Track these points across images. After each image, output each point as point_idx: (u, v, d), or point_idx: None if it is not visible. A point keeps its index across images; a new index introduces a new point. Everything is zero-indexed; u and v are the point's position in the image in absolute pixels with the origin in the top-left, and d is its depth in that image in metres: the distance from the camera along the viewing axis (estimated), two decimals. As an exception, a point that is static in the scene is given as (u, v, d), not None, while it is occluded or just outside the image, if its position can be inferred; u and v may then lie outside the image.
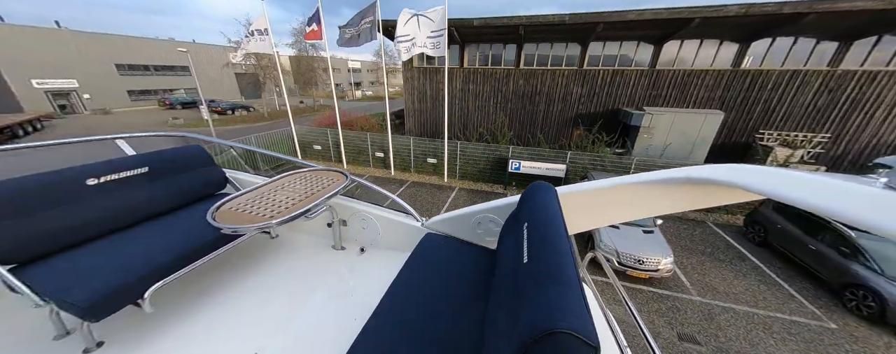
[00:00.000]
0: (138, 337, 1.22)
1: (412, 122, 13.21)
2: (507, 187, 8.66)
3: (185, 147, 1.81)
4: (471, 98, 11.77)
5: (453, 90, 11.72)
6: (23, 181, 1.24)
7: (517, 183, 8.63)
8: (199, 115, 19.01)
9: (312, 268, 1.65)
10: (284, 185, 1.54)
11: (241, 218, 1.23)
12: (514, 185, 8.63)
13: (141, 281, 1.14)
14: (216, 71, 24.60)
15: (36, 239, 1.20)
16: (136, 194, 1.50)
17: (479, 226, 1.51)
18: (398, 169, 9.80)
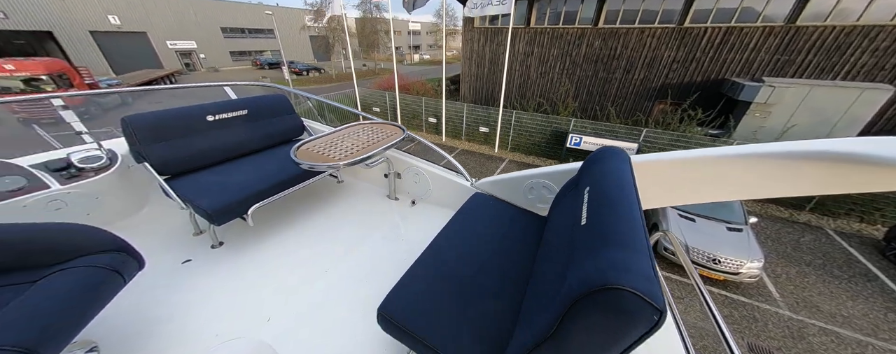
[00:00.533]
0: (244, 244, 1.56)
1: (467, 88, 12.77)
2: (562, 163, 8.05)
3: (273, 95, 2.08)
4: (533, 63, 10.66)
5: (515, 53, 10.73)
6: (164, 113, 1.59)
7: (575, 160, 7.94)
8: (281, 75, 21.45)
9: (369, 213, 1.87)
10: (350, 134, 1.69)
11: (315, 156, 1.41)
12: (571, 162, 7.97)
13: (246, 200, 1.42)
14: (295, 33, 26.82)
15: (178, 159, 1.56)
16: (239, 132, 1.82)
17: (531, 191, 1.46)
18: (449, 135, 9.84)
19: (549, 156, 8.41)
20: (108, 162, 1.69)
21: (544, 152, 8.49)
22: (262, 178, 1.56)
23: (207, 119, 1.70)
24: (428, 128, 10.34)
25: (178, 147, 1.57)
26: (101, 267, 0.91)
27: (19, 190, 1.41)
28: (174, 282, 1.34)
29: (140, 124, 1.48)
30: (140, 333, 1.12)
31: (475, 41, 11.61)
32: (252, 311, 1.21)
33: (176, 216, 1.75)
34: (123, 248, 1.00)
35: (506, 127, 8.68)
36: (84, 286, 0.86)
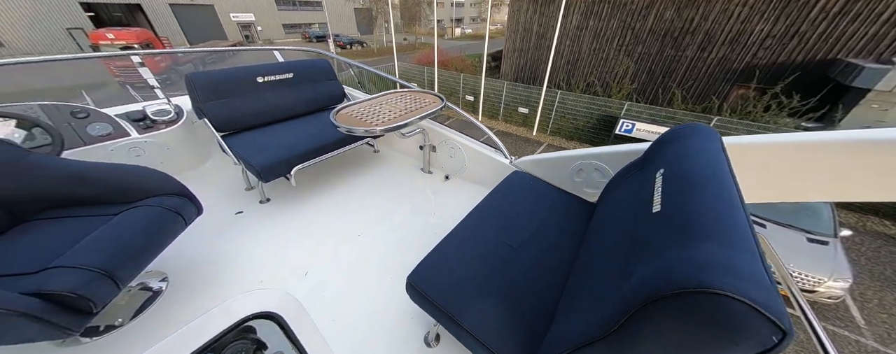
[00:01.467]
0: (287, 202, 1.68)
1: (509, 65, 12.02)
2: (607, 151, 7.36)
3: (317, 60, 2.13)
4: (587, 37, 9.56)
5: (566, 27, 9.67)
6: (219, 72, 1.69)
7: (622, 148, 7.21)
8: (327, 48, 22.13)
9: (402, 184, 1.88)
10: (389, 101, 1.68)
11: (353, 121, 1.43)
12: (617, 150, 7.27)
13: (290, 160, 1.51)
14: (341, 5, 27.10)
15: (232, 117, 1.68)
16: (286, 95, 1.90)
17: (579, 174, 1.33)
18: (486, 115, 9.50)
19: (593, 143, 7.77)
20: (175, 116, 1.88)
21: (587, 138, 7.84)
22: (305, 141, 1.64)
23: (257, 80, 1.79)
24: (464, 105, 10.08)
25: (232, 106, 1.69)
26: (167, 208, 1.02)
27: (107, 136, 1.63)
28: (228, 231, 1.49)
29: (200, 81, 1.61)
30: (199, 271, 1.27)
31: (523, 13, 10.67)
32: (292, 265, 1.31)
33: (231, 170, 1.92)
34: (185, 194, 1.11)
35: (548, 108, 8.11)
36: (152, 223, 0.97)
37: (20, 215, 1.00)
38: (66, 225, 0.96)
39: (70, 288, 0.71)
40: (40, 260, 0.81)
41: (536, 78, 10.49)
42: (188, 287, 1.19)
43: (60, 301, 0.71)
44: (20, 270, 0.79)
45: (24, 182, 0.98)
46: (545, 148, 7.73)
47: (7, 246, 0.90)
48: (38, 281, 0.74)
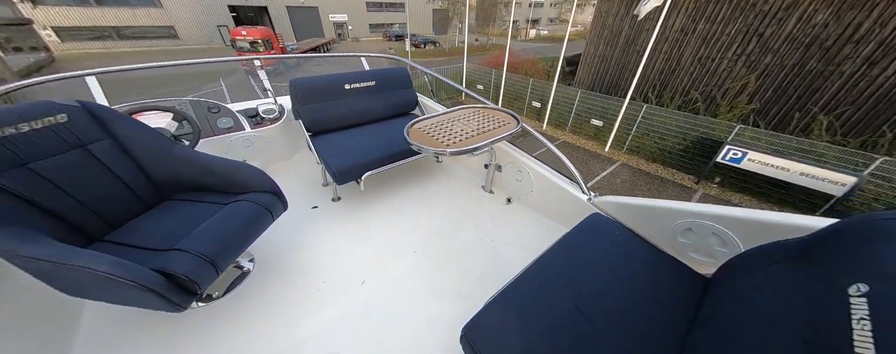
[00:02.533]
0: (354, 204, 1.77)
1: (586, 71, 10.98)
2: (703, 182, 6.11)
3: (397, 68, 2.20)
4: (693, 44, 8.06)
5: (666, 30, 8.32)
6: (318, 79, 1.85)
7: (726, 181, 5.90)
8: (403, 47, 23.63)
9: (462, 201, 1.84)
10: (461, 117, 1.62)
11: (424, 138, 1.42)
12: (717, 183, 5.97)
13: (362, 166, 1.57)
14: (422, 7, 28.62)
15: (321, 119, 1.82)
16: (366, 101, 2.00)
17: (687, 234, 1.05)
18: (552, 124, 8.85)
19: (682, 169, 6.54)
20: (278, 114, 2.13)
21: (675, 162, 6.63)
22: (377, 148, 1.70)
23: (345, 87, 1.91)
24: (529, 112, 9.56)
25: (322, 109, 1.82)
26: (261, 204, 1.13)
27: (230, 129, 1.94)
28: (304, 222, 1.62)
29: (302, 87, 1.77)
30: (279, 256, 1.39)
31: (611, 14, 9.58)
32: (351, 268, 1.35)
33: (313, 165, 2.11)
34: (276, 192, 1.22)
35: (627, 122, 7.12)
36: (249, 218, 1.08)
37: (166, 194, 1.22)
38: (190, 209, 1.14)
39: (184, 272, 0.83)
40: (170, 239, 0.97)
41: (618, 87, 9.36)
42: (270, 269, 1.32)
43: (176, 281, 0.83)
44: (156, 246, 0.95)
45: (171, 167, 1.18)
46: (618, 167, 6.81)
47: (154, 220, 1.10)
48: (164, 260, 0.86)
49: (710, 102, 7.56)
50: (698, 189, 5.91)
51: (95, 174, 1.05)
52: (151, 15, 19.78)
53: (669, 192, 5.77)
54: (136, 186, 1.14)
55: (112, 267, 0.71)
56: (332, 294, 1.23)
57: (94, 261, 0.72)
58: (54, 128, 0.99)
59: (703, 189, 5.89)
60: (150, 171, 1.17)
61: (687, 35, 8.13)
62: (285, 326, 1.10)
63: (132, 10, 19.20)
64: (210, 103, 1.94)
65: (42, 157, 0.95)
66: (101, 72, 1.65)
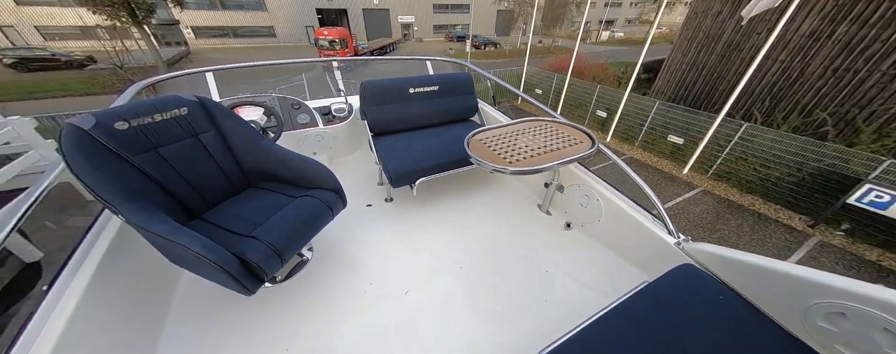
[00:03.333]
0: (406, 207, 1.78)
1: (669, 80, 9.61)
2: (823, 226, 4.79)
3: (460, 74, 2.17)
4: (826, 51, 6.39)
5: (786, 34, 6.75)
6: (386, 82, 1.90)
7: (857, 229, 4.54)
8: (463, 48, 23.83)
9: (515, 219, 1.71)
10: (526, 130, 1.51)
11: (485, 152, 1.33)
12: (844, 230, 4.63)
13: (418, 172, 1.57)
14: (487, 8, 28.52)
15: (384, 121, 1.87)
16: (428, 105, 2.01)
17: (837, 321, 0.73)
18: (618, 136, 7.97)
19: (792, 206, 5.26)
20: (347, 114, 2.26)
21: (782, 196, 5.36)
22: (433, 154, 1.68)
23: (410, 91, 1.94)
24: (592, 121, 8.76)
25: (386, 111, 1.87)
26: (324, 201, 1.20)
27: (306, 124, 2.12)
28: (358, 219, 1.68)
29: (371, 89, 1.83)
30: (334, 248, 1.46)
31: (711, 14, 8.17)
32: (396, 275, 1.35)
33: (371, 164, 2.18)
34: (339, 191, 1.28)
35: (718, 142, 6.00)
36: (313, 212, 1.15)
37: (251, 181, 1.37)
38: (267, 198, 1.26)
39: (256, 260, 0.91)
40: (249, 225, 1.08)
41: (709, 101, 7.98)
42: (326, 260, 1.40)
43: (249, 267, 0.91)
44: (239, 230, 1.07)
45: (257, 159, 1.32)
46: (699, 194, 5.79)
47: (239, 204, 1.24)
48: (243, 246, 0.96)
49: (845, 127, 5.94)
50: (813, 234, 4.67)
51: (201, 160, 1.21)
52: (258, 17, 23.57)
53: (769, 234, 4.68)
54: (230, 173, 1.28)
55: (203, 249, 0.82)
56: (377, 297, 1.24)
57: (191, 241, 0.83)
58: (177, 119, 1.15)
59: (820, 235, 4.64)
60: (242, 160, 1.31)
61: (819, 41, 6.48)
62: (329, 322, 1.14)
63: (245, 12, 23.22)
64: (293, 100, 2.11)
65: (166, 143, 1.12)
66: (216, 69, 1.97)
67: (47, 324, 0.73)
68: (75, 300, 0.80)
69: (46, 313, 0.76)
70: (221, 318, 1.13)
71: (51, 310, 0.77)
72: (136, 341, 0.98)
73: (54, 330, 0.72)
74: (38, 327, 0.72)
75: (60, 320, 0.75)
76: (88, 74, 12.59)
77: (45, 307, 0.77)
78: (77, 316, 0.79)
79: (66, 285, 0.84)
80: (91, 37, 15.29)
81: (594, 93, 8.62)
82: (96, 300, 0.87)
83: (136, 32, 13.62)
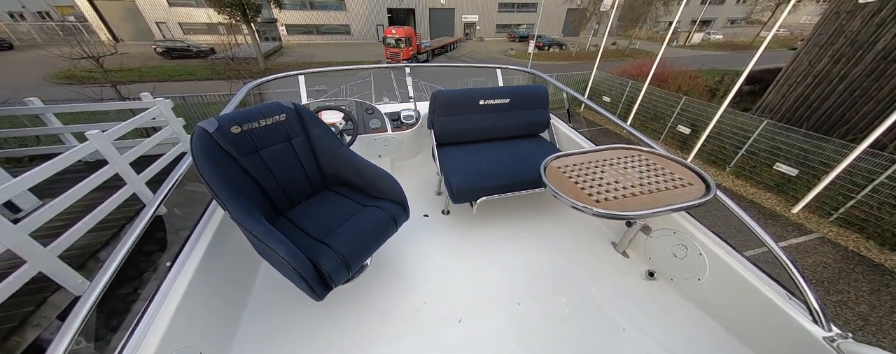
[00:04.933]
0: (463, 224, 1.71)
1: (784, 95, 7.87)
2: None
3: (535, 87, 2.02)
4: None
5: None
6: (458, 92, 1.85)
7: None
8: (526, 48, 22.94)
9: (585, 257, 1.49)
10: (616, 161, 1.31)
11: (564, 183, 1.18)
12: None
13: (480, 190, 1.50)
14: (556, 7, 27.02)
15: (450, 132, 1.84)
16: (497, 117, 1.91)
17: None
18: (702, 158, 6.81)
19: (965, 278, 3.85)
20: (415, 121, 2.27)
21: (950, 263, 3.96)
22: (499, 172, 1.58)
23: (480, 102, 1.87)
24: (669, 137, 7.65)
25: (453, 122, 1.84)
26: (389, 214, 1.21)
27: (376, 129, 2.18)
28: (414, 230, 1.66)
29: (442, 99, 1.80)
30: (389, 258, 1.47)
31: (861, 14, 6.36)
32: (447, 299, 1.29)
33: (430, 171, 2.17)
34: (404, 204, 1.28)
35: (852, 180, 4.69)
36: (379, 225, 1.17)
37: (328, 185, 1.46)
38: (339, 202, 1.32)
39: (328, 270, 0.96)
40: (324, 229, 1.15)
41: (844, 124, 6.32)
42: (382, 269, 1.42)
43: (320, 273, 0.97)
44: (315, 234, 1.13)
45: (335, 164, 1.40)
46: (815, 241, 4.62)
47: (317, 206, 1.32)
48: (318, 252, 1.02)
49: None
50: None
51: (291, 163, 1.29)
52: (338, 16, 26.09)
53: (923, 309, 3.50)
54: (312, 176, 1.37)
55: (287, 255, 0.89)
56: (429, 321, 1.20)
57: (278, 246, 0.90)
58: (277, 124, 1.25)
59: None
60: (323, 165, 1.39)
61: None
62: (383, 334, 1.15)
63: (328, 12, 25.91)
64: (368, 105, 2.19)
65: (266, 146, 1.22)
66: (307, 73, 2.22)
67: (172, 290, 0.91)
68: (190, 274, 0.96)
69: (170, 283, 0.93)
70: (289, 309, 1.23)
71: (173, 282, 0.93)
72: (226, 314, 1.12)
73: (176, 297, 0.89)
74: (165, 292, 0.90)
75: (179, 290, 0.92)
76: (209, 63, 15.50)
77: (170, 278, 0.94)
78: (190, 289, 0.94)
79: (183, 263, 0.99)
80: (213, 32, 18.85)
81: (677, 105, 7.48)
82: (203, 276, 1.02)
83: (245, 29, 16.15)
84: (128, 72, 12.03)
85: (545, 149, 1.86)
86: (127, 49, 15.63)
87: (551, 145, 1.95)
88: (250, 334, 1.13)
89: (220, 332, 1.07)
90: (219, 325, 1.07)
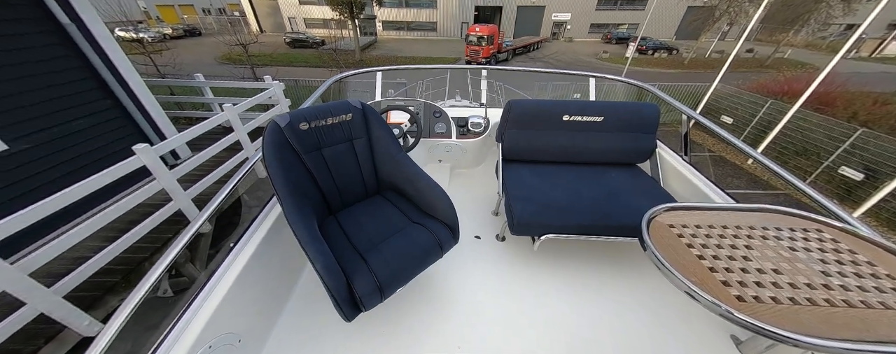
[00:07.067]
0: (519, 258, 1.45)
1: None
2: None
3: (644, 106, 1.59)
4: None
5: None
6: (536, 104, 1.58)
7: None
8: (622, 52, 20.16)
9: (676, 346, 1.09)
10: (770, 232, 0.89)
11: (679, 251, 0.81)
12: None
13: (548, 226, 1.23)
14: (671, 5, 22.98)
15: (522, 148, 1.60)
16: (584, 139, 1.59)
17: None
18: (879, 218, 4.81)
19: None
20: (483, 129, 2.08)
21: None
22: (579, 208, 1.27)
23: (563, 118, 1.57)
24: (824, 181, 5.65)
25: (527, 137, 1.59)
26: (436, 238, 1.08)
27: (441, 134, 2.07)
28: (461, 251, 1.47)
29: (516, 110, 1.58)
30: (429, 279, 1.33)
31: None
32: (485, 350, 1.09)
33: (491, 186, 1.96)
34: (454, 228, 1.13)
35: None
36: (424, 249, 1.05)
37: (381, 189, 1.41)
38: (388, 211, 1.24)
39: (361, 294, 0.90)
40: (367, 241, 1.08)
41: None
42: (421, 289, 1.30)
43: (353, 294, 0.91)
44: (358, 245, 1.08)
45: (390, 170, 1.33)
46: None
47: (367, 212, 1.26)
48: (354, 267, 0.96)
49: None
50: None
51: (350, 163, 1.27)
52: (430, 14, 27.46)
53: None
54: (367, 179, 1.33)
55: (323, 269, 0.85)
56: None
57: (317, 257, 0.86)
58: (342, 123, 1.24)
59: None
60: (379, 169, 1.35)
61: None
62: None
63: (420, 9, 27.53)
64: (436, 108, 2.10)
65: (329, 145, 1.21)
66: (384, 70, 2.23)
67: (226, 274, 0.97)
68: (243, 262, 1.00)
69: (227, 267, 0.98)
70: (322, 317, 1.20)
71: (228, 267, 0.98)
72: (268, 308, 1.17)
73: (228, 281, 0.95)
74: (221, 275, 0.96)
75: (232, 276, 0.97)
76: (319, 53, 18.19)
77: (227, 262, 0.99)
78: (241, 276, 0.97)
79: (240, 250, 1.04)
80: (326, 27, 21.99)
81: (847, 138, 5.42)
82: (255, 267, 1.04)
83: (350, 24, 18.39)
84: (262, 57, 15.18)
85: (645, 187, 1.44)
86: (265, 39, 19.52)
87: (653, 181, 1.52)
88: (285, 331, 1.14)
89: (260, 325, 1.09)
90: (260, 317, 1.09)
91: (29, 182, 2.75)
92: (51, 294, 1.90)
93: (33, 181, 2.78)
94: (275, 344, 1.09)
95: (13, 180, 2.66)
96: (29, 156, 2.74)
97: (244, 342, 0.97)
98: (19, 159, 2.69)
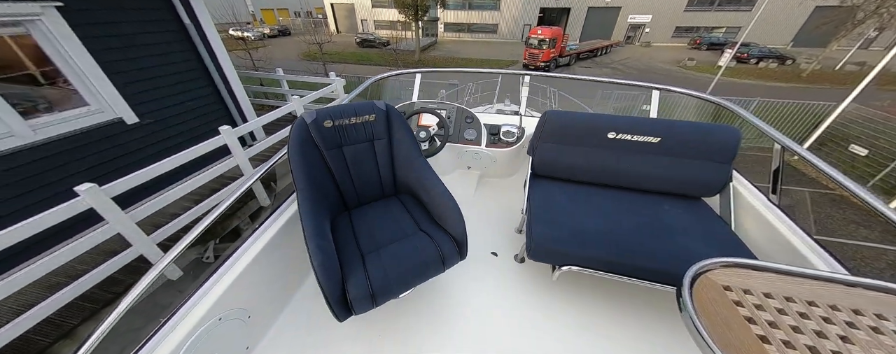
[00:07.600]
0: (538, 287, 1.31)
1: None
2: None
3: (722, 128, 1.28)
4: None
5: None
6: (577, 117, 1.41)
7: None
8: (714, 60, 17.24)
9: None
10: (876, 314, 0.62)
11: (734, 331, 0.58)
12: None
13: (566, 255, 1.08)
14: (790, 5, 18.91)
15: (556, 166, 1.44)
16: (632, 161, 1.35)
17: None
18: None
19: None
20: (516, 139, 1.92)
21: None
22: (612, 239, 1.09)
23: (608, 135, 1.35)
24: None
25: (563, 153, 1.42)
26: (440, 251, 1.03)
27: (470, 141, 1.97)
28: (474, 265, 1.38)
29: (553, 122, 1.41)
30: (432, 292, 1.28)
31: None
32: None
33: (518, 202, 1.79)
34: (461, 244, 1.06)
35: None
36: (424, 262, 1.01)
37: (398, 191, 1.40)
38: (398, 215, 1.23)
39: (352, 297, 0.90)
40: (372, 242, 1.08)
41: None
42: (418, 301, 1.25)
43: (345, 297, 0.91)
44: (361, 245, 1.08)
45: (408, 174, 1.32)
46: None
47: (377, 213, 1.26)
48: (351, 267, 0.96)
49: None
50: None
51: (369, 163, 1.29)
52: (492, 16, 27.31)
53: None
54: (385, 180, 1.34)
55: (319, 267, 0.86)
56: None
57: (315, 253, 0.88)
58: (365, 123, 1.25)
59: None
60: (397, 171, 1.34)
61: None
62: None
63: (481, 12, 27.54)
64: (468, 113, 2.01)
65: (350, 144, 1.24)
66: (424, 72, 2.23)
67: (252, 247, 1.06)
68: (264, 242, 1.07)
69: (250, 243, 1.06)
70: (323, 319, 1.18)
71: (252, 244, 1.06)
72: (279, 292, 1.23)
73: (248, 258, 1.03)
74: (245, 249, 1.05)
75: (252, 253, 1.03)
76: (382, 52, 19.48)
77: (251, 239, 1.06)
78: (260, 256, 1.04)
79: (264, 229, 1.11)
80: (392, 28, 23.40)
81: None
82: (273, 248, 1.11)
83: (414, 26, 19.30)
84: (334, 55, 16.92)
85: (708, 228, 1.17)
86: (339, 39, 21.63)
87: (722, 222, 1.21)
88: (294, 315, 1.19)
89: (270, 306, 1.14)
90: (271, 298, 1.14)
91: (148, 149, 3.47)
92: (150, 241, 2.37)
93: (150, 149, 3.50)
94: (282, 325, 1.15)
95: (136, 148, 3.38)
96: (149, 129, 3.46)
97: (253, 319, 1.04)
98: (144, 130, 3.41)
